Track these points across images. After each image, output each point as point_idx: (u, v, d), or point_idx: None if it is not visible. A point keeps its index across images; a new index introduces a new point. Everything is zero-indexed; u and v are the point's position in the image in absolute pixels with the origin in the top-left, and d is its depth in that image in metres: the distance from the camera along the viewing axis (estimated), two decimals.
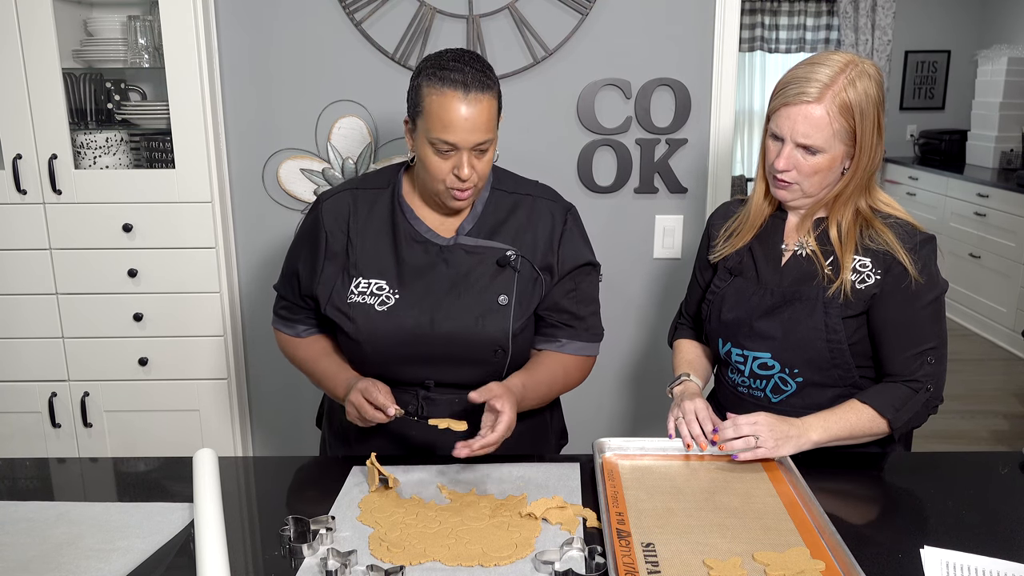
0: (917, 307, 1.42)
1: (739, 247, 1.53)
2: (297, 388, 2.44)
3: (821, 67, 1.35)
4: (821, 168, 1.38)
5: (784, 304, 1.46)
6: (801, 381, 1.47)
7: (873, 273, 1.42)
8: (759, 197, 1.51)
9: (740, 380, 1.53)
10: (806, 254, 1.47)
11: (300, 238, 1.54)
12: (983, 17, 5.99)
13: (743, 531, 1.18)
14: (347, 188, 1.52)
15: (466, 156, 1.35)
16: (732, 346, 1.52)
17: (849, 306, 1.42)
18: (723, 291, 1.54)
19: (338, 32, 2.23)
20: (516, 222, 1.48)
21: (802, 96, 1.34)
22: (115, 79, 2.32)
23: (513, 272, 1.45)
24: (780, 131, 1.39)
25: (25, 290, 2.25)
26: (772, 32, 6.15)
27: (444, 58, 1.36)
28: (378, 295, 1.44)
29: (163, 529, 1.20)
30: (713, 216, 1.64)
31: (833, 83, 1.34)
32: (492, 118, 1.36)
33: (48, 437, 2.35)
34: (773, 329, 1.46)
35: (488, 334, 1.43)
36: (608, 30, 2.22)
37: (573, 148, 2.29)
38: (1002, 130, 5.18)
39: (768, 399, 1.51)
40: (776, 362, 1.47)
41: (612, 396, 2.46)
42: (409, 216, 1.47)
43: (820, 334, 1.43)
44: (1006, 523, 1.21)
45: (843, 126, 1.35)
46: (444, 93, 1.32)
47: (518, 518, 1.21)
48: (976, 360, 4.52)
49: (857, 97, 1.34)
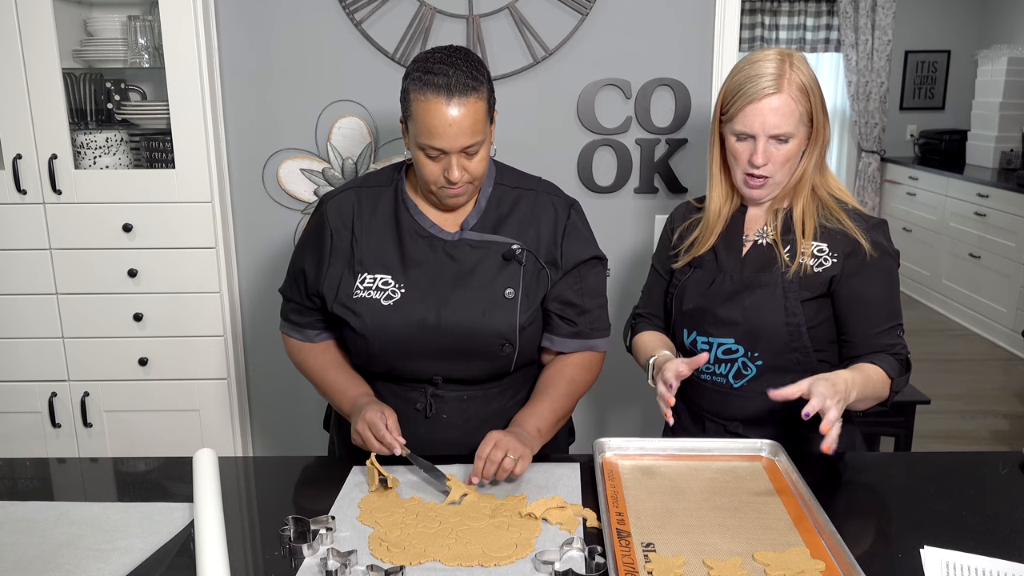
0: (884, 284, 1.47)
1: (698, 254, 1.55)
2: (297, 388, 2.44)
3: (766, 62, 1.42)
4: (792, 155, 1.44)
5: (745, 290, 1.49)
6: (760, 364, 1.49)
7: (831, 256, 1.46)
8: (716, 204, 1.53)
9: (704, 368, 1.53)
10: (766, 243, 1.50)
11: (305, 239, 1.54)
12: (983, 17, 6.00)
13: (743, 531, 1.18)
14: (351, 187, 1.52)
15: (455, 159, 1.35)
16: (697, 334, 1.54)
17: (808, 288, 1.46)
18: (683, 283, 1.56)
19: (338, 32, 2.23)
20: (519, 216, 1.48)
21: (765, 90, 1.40)
22: (115, 79, 2.32)
23: (519, 266, 1.45)
24: (750, 129, 1.42)
25: (25, 290, 2.25)
26: (772, 32, 6.15)
27: (430, 60, 1.35)
28: (384, 289, 1.44)
29: (163, 529, 1.20)
30: (673, 218, 1.66)
31: (783, 72, 1.40)
32: (479, 120, 1.34)
33: (48, 437, 2.35)
34: (735, 314, 1.48)
35: (495, 327, 1.43)
36: (608, 30, 2.22)
37: (573, 148, 2.29)
38: (1002, 130, 5.18)
39: (730, 385, 1.52)
40: (740, 346, 1.50)
41: (612, 396, 2.46)
42: (413, 211, 1.47)
43: (780, 316, 1.46)
44: (1006, 523, 1.21)
45: (804, 108, 1.42)
46: (428, 99, 1.31)
47: (518, 518, 1.21)
48: (976, 360, 4.52)
49: (806, 79, 1.42)
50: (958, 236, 5.09)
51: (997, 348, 4.69)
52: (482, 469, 1.29)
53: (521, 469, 1.30)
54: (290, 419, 2.51)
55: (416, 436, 1.46)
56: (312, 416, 2.48)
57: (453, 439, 1.46)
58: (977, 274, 4.92)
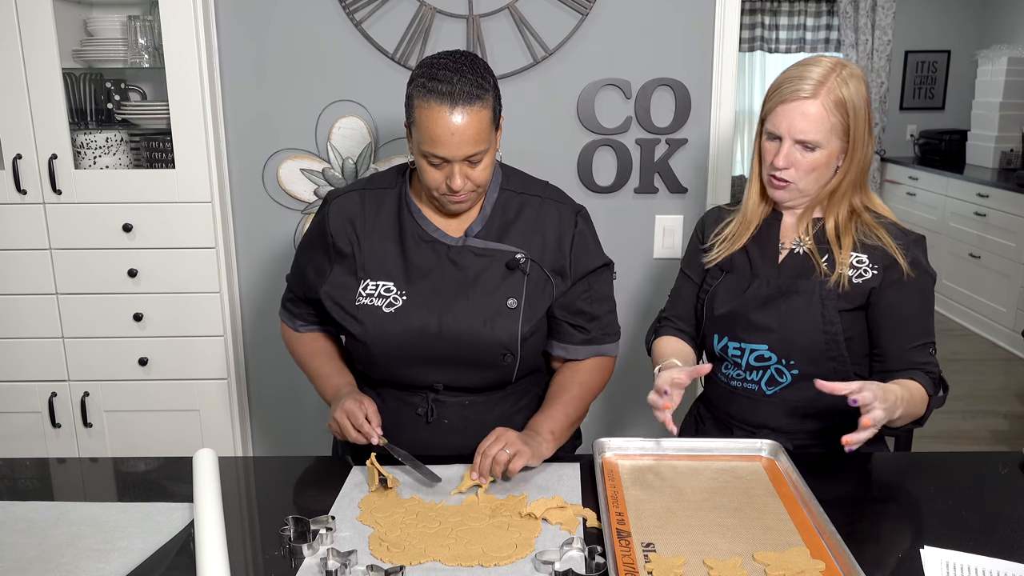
0: (919, 300, 1.44)
1: (735, 250, 1.53)
2: (297, 388, 2.45)
3: (813, 67, 1.40)
4: (818, 164, 1.41)
5: (781, 296, 1.47)
6: (797, 373, 1.48)
7: (871, 268, 1.44)
8: (754, 200, 1.52)
9: (735, 374, 1.54)
10: (803, 252, 1.48)
11: (309, 237, 1.54)
12: (983, 17, 6.00)
13: (743, 531, 1.17)
14: (356, 188, 1.51)
15: (457, 168, 1.33)
16: (729, 340, 1.53)
17: (846, 299, 1.44)
18: (714, 288, 1.55)
19: (338, 32, 2.23)
20: (524, 223, 1.46)
21: (798, 93, 1.38)
22: (115, 79, 2.32)
23: (522, 275, 1.43)
24: (777, 129, 1.41)
25: (25, 290, 2.25)
26: (772, 32, 6.15)
27: (435, 66, 1.32)
28: (385, 296, 1.43)
29: (163, 529, 1.20)
30: (705, 220, 1.64)
31: (826, 80, 1.38)
32: (483, 129, 1.32)
33: (48, 437, 2.35)
34: (770, 320, 1.47)
35: (496, 337, 1.41)
36: (608, 30, 2.22)
37: (573, 148, 2.29)
38: (1002, 130, 5.18)
39: (763, 392, 1.51)
40: (772, 354, 1.48)
41: (612, 396, 2.46)
42: (417, 216, 1.46)
43: (817, 325, 1.44)
44: (1006, 523, 1.21)
45: (838, 121, 1.39)
46: (431, 106, 1.29)
47: (518, 518, 1.21)
48: (976, 360, 4.52)
49: (850, 94, 1.39)
50: (958, 236, 5.09)
51: (997, 348, 4.69)
52: (479, 464, 1.29)
53: (516, 465, 1.29)
54: (290, 419, 2.51)
55: (417, 441, 1.46)
56: (312, 416, 2.48)
57: (454, 444, 1.45)
58: (977, 274, 4.92)
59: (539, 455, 1.35)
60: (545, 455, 1.37)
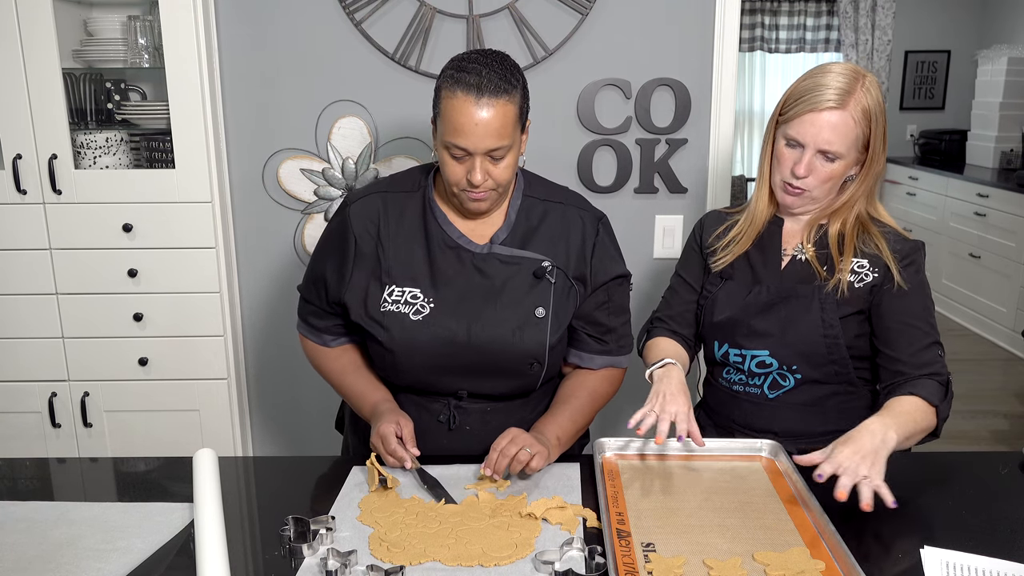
0: (921, 300, 1.43)
1: (740, 253, 1.52)
2: (297, 388, 2.45)
3: (838, 75, 1.37)
4: (836, 174, 1.40)
5: (781, 301, 1.47)
6: (800, 378, 1.48)
7: (871, 272, 1.44)
8: (763, 203, 1.51)
9: (737, 379, 1.53)
10: (804, 259, 1.48)
11: (327, 242, 1.50)
12: (983, 17, 6.00)
13: (743, 531, 1.18)
14: (376, 191, 1.48)
15: (478, 161, 1.32)
16: (729, 346, 1.52)
17: (846, 303, 1.43)
18: (714, 295, 1.54)
19: (338, 32, 2.23)
20: (548, 231, 1.45)
21: (828, 102, 1.36)
22: (115, 79, 2.32)
23: (549, 284, 1.42)
24: (802, 138, 1.39)
25: (25, 290, 2.25)
26: (772, 32, 6.15)
27: (466, 59, 1.32)
28: (412, 303, 1.41)
29: (163, 529, 1.20)
30: (703, 223, 1.63)
31: (854, 90, 1.36)
32: (508, 124, 1.31)
33: (48, 437, 2.35)
34: (771, 326, 1.47)
35: (526, 347, 1.41)
36: (608, 30, 2.22)
37: (573, 148, 2.29)
38: (1002, 130, 5.18)
39: (765, 396, 1.51)
40: (774, 359, 1.48)
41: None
42: (441, 221, 1.43)
43: (817, 329, 1.44)
44: (1006, 523, 1.21)
45: (862, 132, 1.38)
46: (457, 96, 1.29)
47: (518, 518, 1.21)
48: (976, 360, 4.52)
49: (873, 104, 1.38)
50: (958, 236, 5.09)
51: (997, 348, 4.69)
52: (495, 461, 1.28)
53: (537, 464, 1.29)
54: (290, 419, 2.51)
55: (437, 447, 1.45)
56: (312, 416, 2.48)
57: (474, 449, 1.44)
58: (977, 274, 4.91)
59: (549, 458, 1.36)
60: (550, 459, 1.37)
